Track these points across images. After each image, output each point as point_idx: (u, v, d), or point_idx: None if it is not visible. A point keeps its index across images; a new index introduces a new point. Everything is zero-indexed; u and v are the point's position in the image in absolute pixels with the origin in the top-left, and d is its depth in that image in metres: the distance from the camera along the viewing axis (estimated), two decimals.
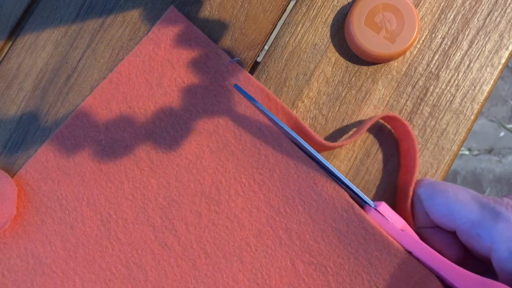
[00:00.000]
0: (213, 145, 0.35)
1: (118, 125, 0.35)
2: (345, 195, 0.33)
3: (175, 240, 0.34)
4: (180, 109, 0.35)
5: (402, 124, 0.33)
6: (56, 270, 0.34)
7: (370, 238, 0.32)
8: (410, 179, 0.33)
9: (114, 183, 0.35)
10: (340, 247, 0.33)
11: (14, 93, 0.36)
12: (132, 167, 0.35)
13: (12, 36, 0.37)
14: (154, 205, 0.34)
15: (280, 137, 0.34)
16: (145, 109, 0.35)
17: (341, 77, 0.36)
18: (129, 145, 0.35)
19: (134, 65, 0.35)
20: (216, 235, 0.34)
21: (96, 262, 0.34)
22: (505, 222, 0.28)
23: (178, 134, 0.35)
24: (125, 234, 0.34)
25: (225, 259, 0.34)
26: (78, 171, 0.35)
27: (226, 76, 0.35)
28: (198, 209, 0.34)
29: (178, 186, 0.34)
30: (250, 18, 0.36)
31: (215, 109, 0.35)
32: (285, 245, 0.33)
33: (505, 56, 0.36)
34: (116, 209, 0.35)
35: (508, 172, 1.00)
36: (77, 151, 0.35)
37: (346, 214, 0.33)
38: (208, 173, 0.34)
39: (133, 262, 0.34)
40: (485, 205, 0.29)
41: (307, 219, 0.33)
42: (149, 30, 0.36)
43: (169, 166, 0.35)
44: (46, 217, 0.35)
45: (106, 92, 0.35)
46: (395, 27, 0.34)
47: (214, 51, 0.35)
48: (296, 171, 0.34)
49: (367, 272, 0.32)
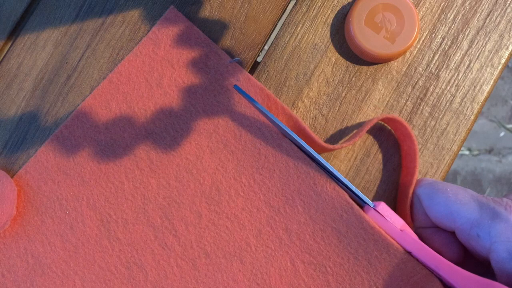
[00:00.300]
0: (213, 145, 0.35)
1: (118, 125, 0.35)
2: (345, 196, 0.33)
3: (175, 240, 0.34)
4: (180, 109, 0.35)
5: (402, 126, 0.33)
6: (56, 270, 0.34)
7: (370, 238, 0.32)
8: (410, 180, 0.33)
9: (114, 183, 0.35)
10: (339, 247, 0.33)
11: (14, 93, 0.36)
12: (132, 167, 0.35)
13: (12, 36, 0.37)
14: (154, 205, 0.34)
15: (280, 137, 0.34)
16: (145, 109, 0.35)
17: (341, 77, 0.36)
18: (129, 145, 0.35)
19: (134, 65, 0.35)
20: (216, 235, 0.34)
21: (96, 262, 0.34)
22: (504, 223, 0.28)
23: (178, 134, 0.35)
24: (125, 234, 0.34)
25: (225, 259, 0.34)
26: (78, 171, 0.35)
27: (226, 76, 0.35)
28: (198, 209, 0.34)
29: (178, 186, 0.34)
30: (250, 18, 0.36)
31: (215, 109, 0.35)
32: (285, 245, 0.33)
33: (505, 56, 0.36)
34: (116, 209, 0.35)
35: (508, 172, 1.00)
36: (77, 151, 0.35)
37: (346, 215, 0.33)
38: (208, 173, 0.34)
39: (133, 262, 0.34)
40: (484, 205, 0.29)
41: (307, 219, 0.33)
42: (149, 30, 0.36)
43: (169, 166, 0.35)
44: (46, 217, 0.35)
45: (106, 92, 0.35)
46: (395, 27, 0.34)
47: (214, 51, 0.35)
48: (296, 171, 0.34)
49: (367, 272, 0.32)
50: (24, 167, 0.35)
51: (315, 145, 0.34)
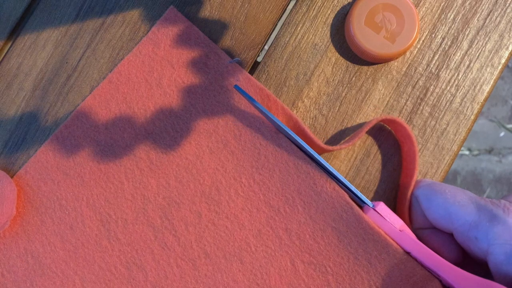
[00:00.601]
0: (213, 145, 0.35)
1: (118, 125, 0.35)
2: (345, 196, 0.33)
3: (174, 240, 0.34)
4: (180, 109, 0.35)
5: (402, 127, 0.33)
6: (56, 271, 0.34)
7: (369, 238, 0.32)
8: (409, 181, 0.33)
9: (113, 183, 0.35)
10: (340, 247, 0.33)
11: (14, 93, 0.36)
12: (132, 167, 0.35)
13: (12, 36, 0.37)
14: (154, 206, 0.34)
15: (280, 137, 0.34)
16: (145, 109, 0.35)
17: (341, 77, 0.36)
18: (129, 145, 0.35)
19: (134, 65, 0.35)
20: (216, 235, 0.34)
21: (96, 262, 0.34)
22: (501, 225, 0.28)
23: (178, 134, 0.35)
24: (124, 234, 0.34)
25: (225, 259, 0.34)
26: (77, 172, 0.35)
27: (226, 76, 0.35)
28: (198, 209, 0.34)
29: (177, 186, 0.34)
30: (250, 18, 0.36)
31: (214, 109, 0.35)
32: (285, 245, 0.33)
33: (505, 56, 0.36)
34: (115, 209, 0.35)
35: (508, 172, 1.00)
36: (77, 152, 0.35)
37: (346, 215, 0.33)
38: (208, 173, 0.34)
39: (132, 262, 0.34)
40: (482, 207, 0.29)
41: (306, 219, 0.33)
42: (149, 30, 0.36)
43: (168, 166, 0.35)
44: (46, 217, 0.35)
45: (105, 92, 0.35)
46: (395, 27, 0.34)
47: (214, 51, 0.35)
48: (296, 172, 0.34)
49: (367, 271, 0.32)
50: (24, 167, 0.35)
51: (314, 146, 0.34)
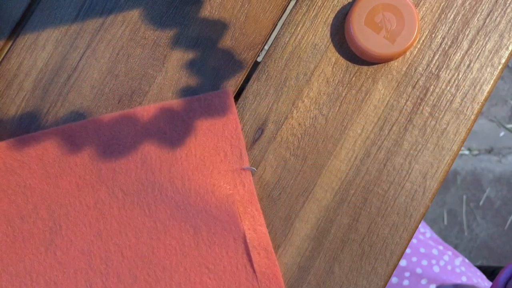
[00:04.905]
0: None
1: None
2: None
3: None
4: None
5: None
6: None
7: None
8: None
9: (81, 203, 0.35)
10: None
11: (14, 93, 0.36)
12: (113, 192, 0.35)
13: (12, 36, 0.37)
14: (101, 249, 0.35)
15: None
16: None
17: (341, 77, 0.36)
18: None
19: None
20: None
21: (23, 261, 0.34)
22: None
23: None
24: (62, 252, 0.34)
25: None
26: (59, 170, 0.35)
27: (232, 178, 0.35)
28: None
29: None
30: (250, 18, 0.36)
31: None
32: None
33: (505, 56, 0.36)
34: (71, 229, 0.34)
35: (508, 172, 1.00)
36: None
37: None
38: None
39: (53, 281, 0.34)
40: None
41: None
42: (150, 31, 0.36)
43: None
44: (3, 195, 0.34)
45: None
46: (395, 27, 0.34)
47: (238, 147, 0.35)
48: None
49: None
50: (7, 141, 0.35)
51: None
